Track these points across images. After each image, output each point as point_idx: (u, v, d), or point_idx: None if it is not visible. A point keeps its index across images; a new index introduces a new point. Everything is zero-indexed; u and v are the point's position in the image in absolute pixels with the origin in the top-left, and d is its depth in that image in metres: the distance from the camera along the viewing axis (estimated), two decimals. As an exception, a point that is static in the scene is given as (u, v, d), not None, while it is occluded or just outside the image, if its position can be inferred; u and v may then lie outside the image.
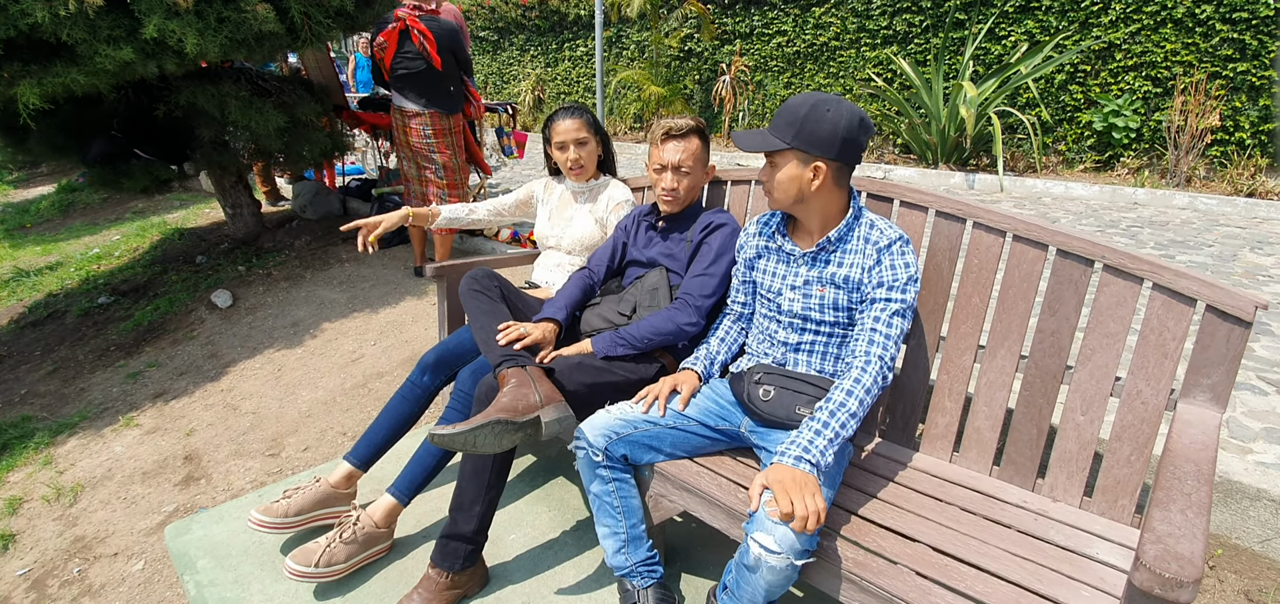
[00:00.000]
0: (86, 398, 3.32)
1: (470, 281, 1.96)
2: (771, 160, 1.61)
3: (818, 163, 1.54)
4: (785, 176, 1.58)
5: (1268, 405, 2.34)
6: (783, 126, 1.55)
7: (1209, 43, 6.00)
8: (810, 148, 1.53)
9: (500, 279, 2.01)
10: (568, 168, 2.31)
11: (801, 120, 1.53)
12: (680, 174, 1.98)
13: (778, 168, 1.59)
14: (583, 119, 2.28)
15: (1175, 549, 0.96)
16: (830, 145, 1.52)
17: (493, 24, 13.73)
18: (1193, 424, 1.34)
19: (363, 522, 1.92)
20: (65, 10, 2.74)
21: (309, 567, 1.81)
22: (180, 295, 4.29)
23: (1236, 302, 1.34)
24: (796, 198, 1.59)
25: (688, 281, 1.94)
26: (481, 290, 1.93)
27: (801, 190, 1.57)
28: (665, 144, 1.97)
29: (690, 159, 1.98)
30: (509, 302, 1.97)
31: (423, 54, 3.67)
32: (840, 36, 8.54)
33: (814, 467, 1.33)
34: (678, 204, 2.03)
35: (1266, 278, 3.77)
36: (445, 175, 3.96)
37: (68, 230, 6.96)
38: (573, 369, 1.81)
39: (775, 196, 1.62)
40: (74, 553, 2.27)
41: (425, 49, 3.66)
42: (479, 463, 1.74)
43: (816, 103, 1.53)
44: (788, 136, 1.54)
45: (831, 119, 1.51)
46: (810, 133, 1.52)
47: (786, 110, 1.56)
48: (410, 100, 3.78)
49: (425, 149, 3.87)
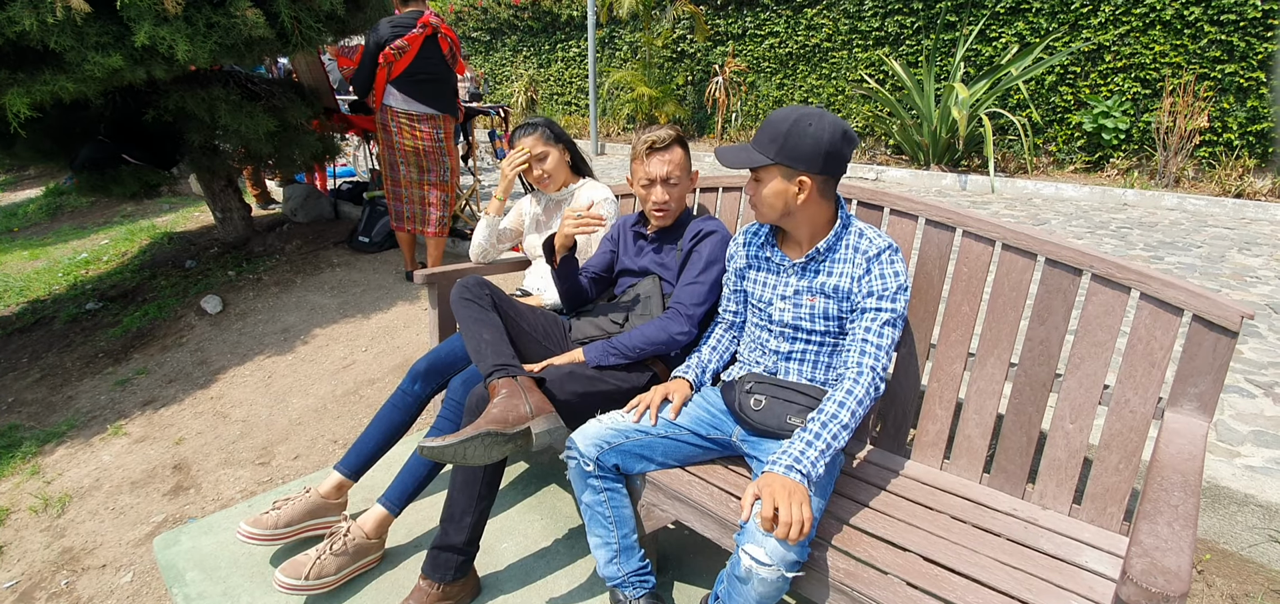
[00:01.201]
0: (74, 406, 3.29)
1: (461, 290, 1.95)
2: (756, 175, 1.60)
3: (802, 177, 1.54)
4: (770, 192, 1.57)
5: (1256, 408, 2.36)
6: (765, 142, 1.55)
7: (1197, 44, 6.05)
8: (794, 162, 1.53)
9: (491, 287, 2.00)
10: (535, 182, 2.37)
11: (784, 135, 1.52)
12: (669, 186, 1.98)
13: (763, 183, 1.59)
14: (538, 133, 2.31)
15: (1162, 563, 0.96)
16: (814, 160, 1.52)
17: (485, 25, 13.70)
18: (1180, 434, 1.35)
19: (353, 533, 1.91)
20: (52, 18, 2.71)
21: (299, 579, 1.80)
22: (169, 301, 4.26)
23: (1223, 312, 1.35)
24: (783, 212, 1.59)
25: (679, 290, 1.94)
26: (473, 299, 1.92)
27: (787, 204, 1.58)
28: (650, 158, 1.97)
29: (676, 169, 1.98)
30: (500, 310, 1.96)
31: (451, 60, 3.81)
32: (832, 38, 8.56)
33: (805, 477, 1.33)
34: (670, 217, 2.03)
35: (1255, 278, 3.80)
36: (450, 178, 4.05)
37: (55, 234, 6.90)
38: (564, 378, 1.80)
39: (761, 211, 1.62)
40: (62, 565, 2.25)
41: (453, 53, 3.79)
42: (470, 474, 1.73)
43: (799, 117, 1.53)
44: (771, 152, 1.54)
45: (814, 133, 1.51)
46: (794, 148, 1.52)
47: (770, 125, 1.56)
48: (425, 104, 3.81)
49: (436, 152, 3.93)
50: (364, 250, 4.81)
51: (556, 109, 12.86)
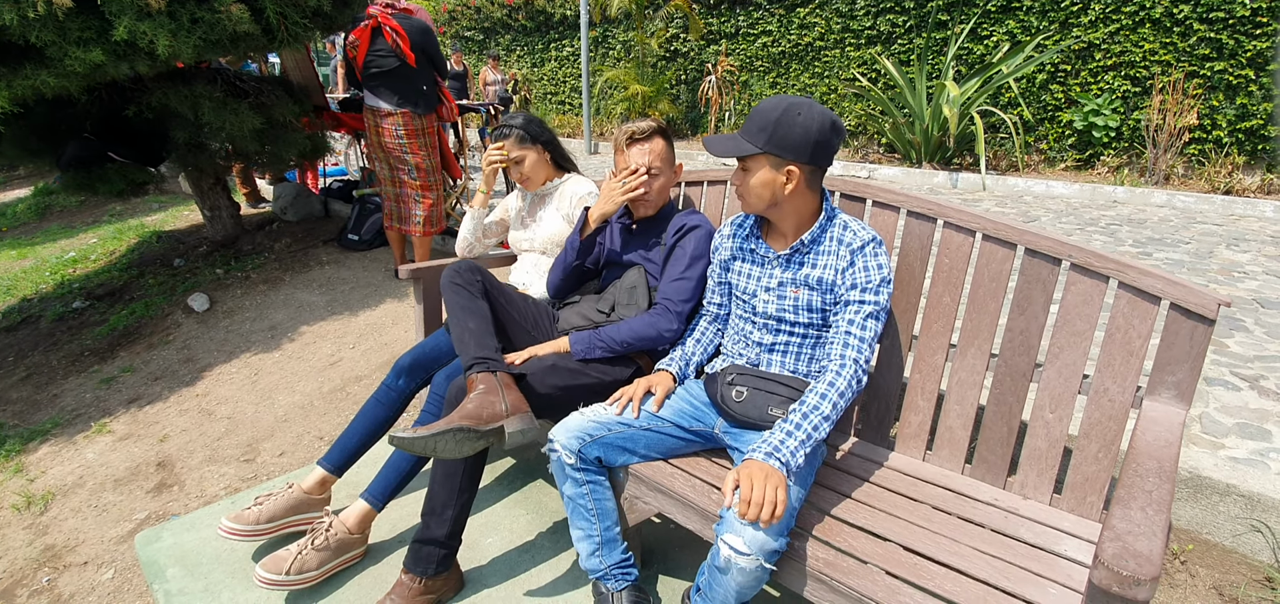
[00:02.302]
0: (59, 404, 3.27)
1: (452, 274, 1.89)
2: (744, 165, 1.60)
3: (790, 167, 1.54)
4: (758, 181, 1.57)
5: (1240, 401, 2.37)
6: (754, 131, 1.54)
7: (1187, 42, 6.08)
8: (783, 152, 1.53)
9: (484, 273, 1.95)
10: (517, 181, 2.38)
11: (774, 124, 1.52)
12: (651, 176, 1.98)
13: (751, 172, 1.58)
14: (513, 137, 2.30)
15: (1134, 547, 0.96)
16: (803, 149, 1.52)
17: (478, 24, 13.68)
18: (1157, 421, 1.35)
19: (335, 528, 1.90)
20: (33, 12, 2.69)
21: (280, 574, 1.79)
22: (157, 299, 4.24)
23: (1200, 300, 1.35)
24: (770, 202, 1.59)
25: (665, 286, 1.93)
26: (463, 284, 1.87)
27: (775, 194, 1.57)
28: (630, 149, 1.97)
29: (657, 160, 1.97)
30: (491, 297, 1.93)
31: (396, 51, 3.65)
32: (825, 36, 8.57)
33: (784, 465, 1.32)
34: (650, 206, 2.03)
35: (1243, 274, 3.82)
36: (418, 177, 3.90)
37: (44, 233, 6.85)
38: (546, 371, 1.80)
39: (748, 201, 1.62)
40: (44, 562, 2.23)
41: (398, 46, 3.63)
42: (450, 467, 1.72)
43: (788, 106, 1.52)
44: (760, 141, 1.53)
45: (803, 123, 1.51)
46: (783, 137, 1.52)
47: (758, 115, 1.55)
48: (383, 100, 3.75)
49: (398, 150, 3.82)
50: (353, 248, 4.79)
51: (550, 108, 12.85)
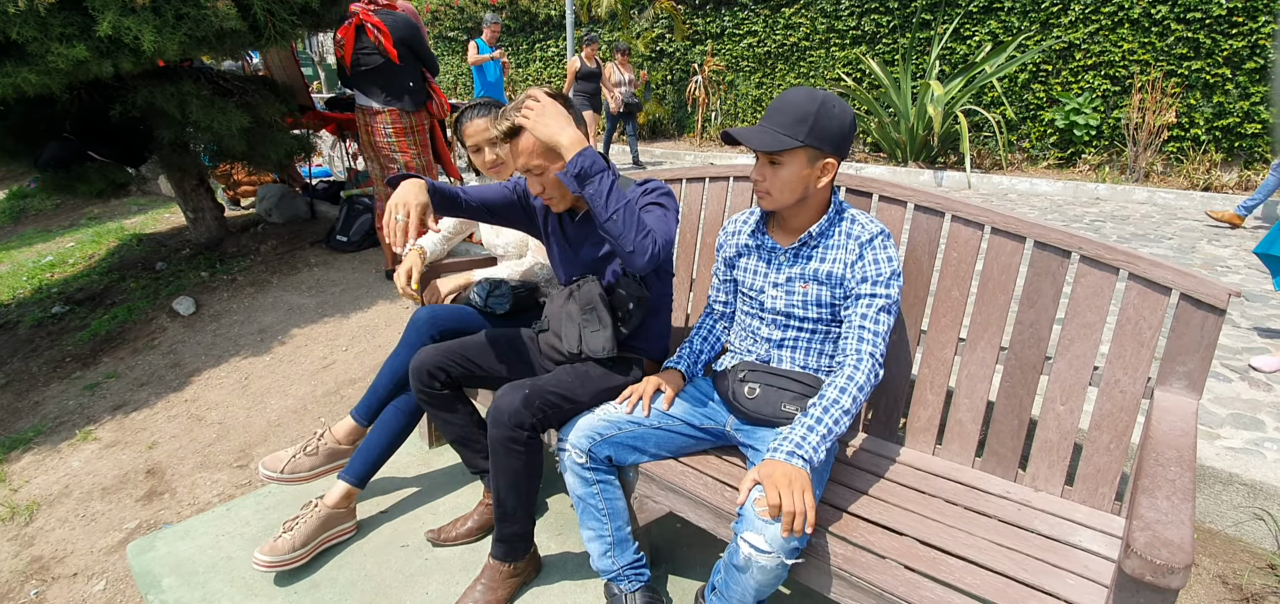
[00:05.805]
0: (41, 412, 3.17)
1: (416, 382, 1.85)
2: (774, 158, 1.52)
3: (828, 159, 1.52)
4: (792, 175, 1.51)
5: (1233, 392, 2.41)
6: (791, 123, 1.48)
7: (1165, 41, 6.19)
8: (822, 144, 1.49)
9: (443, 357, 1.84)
10: (487, 169, 2.16)
11: (814, 116, 1.47)
12: (533, 175, 1.74)
13: (782, 166, 1.51)
14: (494, 115, 2.08)
15: (1165, 535, 0.97)
16: (840, 141, 1.51)
17: (462, 24, 13.58)
18: (1171, 411, 1.36)
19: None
20: (15, 8, 2.62)
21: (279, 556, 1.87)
22: (140, 303, 4.14)
23: (1210, 290, 1.37)
24: (800, 196, 1.54)
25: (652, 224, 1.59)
26: (428, 401, 1.88)
27: (807, 187, 1.53)
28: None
29: (534, 158, 1.72)
30: (458, 377, 1.85)
31: (379, 48, 3.62)
32: (810, 37, 8.62)
33: (806, 463, 1.31)
34: (563, 202, 1.78)
35: (1225, 268, 3.89)
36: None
37: (19, 237, 6.68)
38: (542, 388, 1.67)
39: (775, 196, 1.55)
40: (31, 574, 2.16)
41: (380, 42, 3.60)
42: (514, 477, 1.67)
43: (824, 99, 1.49)
44: (800, 133, 1.47)
45: (839, 115, 1.49)
46: (823, 129, 1.47)
47: (791, 107, 1.49)
48: (371, 98, 3.72)
49: (387, 148, 3.79)
50: (342, 250, 4.72)
51: (535, 109, 12.75)
